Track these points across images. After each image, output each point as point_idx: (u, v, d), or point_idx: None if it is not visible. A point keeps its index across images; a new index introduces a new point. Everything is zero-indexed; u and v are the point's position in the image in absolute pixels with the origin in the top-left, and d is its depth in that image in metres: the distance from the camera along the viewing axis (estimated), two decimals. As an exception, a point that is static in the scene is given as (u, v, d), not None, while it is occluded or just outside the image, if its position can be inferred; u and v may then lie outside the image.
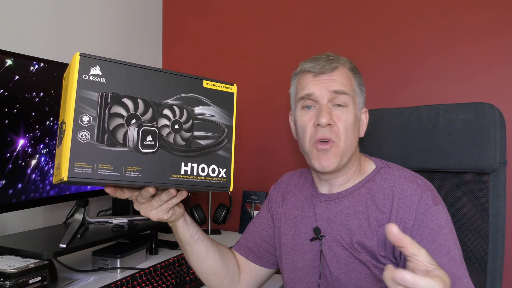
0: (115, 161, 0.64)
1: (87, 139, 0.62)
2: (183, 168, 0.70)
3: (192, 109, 0.72)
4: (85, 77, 0.63)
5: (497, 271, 0.98)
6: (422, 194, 0.83)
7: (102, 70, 0.65)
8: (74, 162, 0.61)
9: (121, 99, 0.66)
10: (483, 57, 1.42)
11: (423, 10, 1.50)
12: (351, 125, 0.89)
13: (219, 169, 0.73)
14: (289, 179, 1.09)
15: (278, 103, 1.76)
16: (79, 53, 0.63)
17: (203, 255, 0.92)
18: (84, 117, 0.62)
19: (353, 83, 0.92)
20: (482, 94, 1.41)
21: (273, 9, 1.77)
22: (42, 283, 0.96)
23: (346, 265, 0.87)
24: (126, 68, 0.67)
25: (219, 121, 0.74)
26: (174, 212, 0.81)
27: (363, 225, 0.87)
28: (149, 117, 0.68)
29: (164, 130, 0.69)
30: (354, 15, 1.61)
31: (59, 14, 1.48)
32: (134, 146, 0.66)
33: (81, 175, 0.61)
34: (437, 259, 0.78)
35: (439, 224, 0.81)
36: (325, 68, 0.90)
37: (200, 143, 0.72)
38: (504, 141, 0.99)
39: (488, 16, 1.40)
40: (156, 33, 2.00)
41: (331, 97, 0.89)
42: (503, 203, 0.99)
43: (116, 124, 0.65)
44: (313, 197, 0.98)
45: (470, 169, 1.01)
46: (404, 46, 1.53)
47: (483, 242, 0.99)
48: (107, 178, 0.63)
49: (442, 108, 1.06)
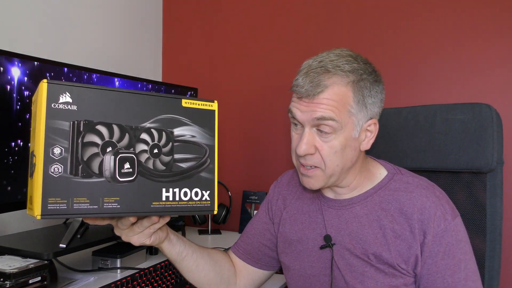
0: (91, 194, 0.60)
1: (59, 172, 0.58)
2: (164, 194, 0.67)
3: (171, 131, 0.68)
4: (54, 106, 0.59)
5: (494, 269, 0.99)
6: (442, 208, 0.82)
7: (72, 96, 0.60)
8: (47, 199, 0.57)
9: (95, 126, 0.62)
10: (480, 58, 1.42)
11: (421, 11, 1.51)
12: (337, 151, 0.82)
13: (202, 192, 0.70)
14: (289, 179, 1.05)
15: (277, 102, 1.76)
16: (46, 81, 0.59)
17: (193, 269, 0.91)
18: (55, 149, 0.58)
19: (349, 102, 0.81)
20: (480, 94, 1.41)
21: (272, 13, 1.78)
22: (42, 283, 0.97)
23: (362, 274, 0.85)
24: (98, 92, 0.63)
25: (200, 141, 0.71)
26: (157, 237, 0.79)
27: (378, 235, 0.84)
28: (126, 143, 0.64)
29: (143, 156, 0.65)
30: (352, 16, 1.62)
31: (59, 17, 1.49)
32: (111, 176, 0.62)
33: (55, 211, 0.58)
34: (456, 275, 0.80)
35: (458, 238, 0.81)
36: (309, 91, 0.80)
37: (182, 166, 0.69)
38: (501, 141, 1.00)
39: (486, 17, 1.41)
40: (156, 38, 2.00)
41: (314, 123, 0.81)
42: (500, 202, 0.99)
43: (90, 154, 0.61)
44: (320, 201, 0.94)
45: (468, 169, 1.01)
46: (402, 47, 1.53)
47: (481, 241, 1.00)
48: (84, 212, 0.60)
49: (439, 108, 1.06)
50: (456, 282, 0.80)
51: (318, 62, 0.83)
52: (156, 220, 0.73)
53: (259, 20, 1.81)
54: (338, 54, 0.84)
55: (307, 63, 0.86)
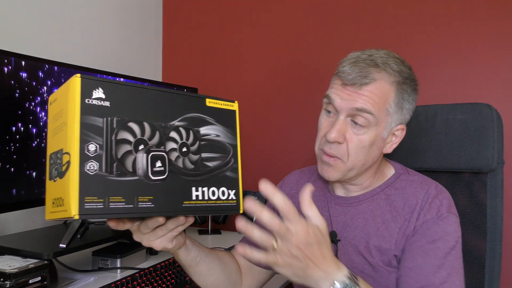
0: (126, 192, 0.59)
1: (95, 170, 0.56)
2: (194, 193, 0.66)
3: (197, 130, 0.68)
4: (88, 102, 0.57)
5: (495, 270, 0.99)
6: (438, 201, 0.83)
7: (105, 92, 0.59)
8: (84, 197, 0.55)
9: (127, 123, 0.60)
10: (481, 58, 1.42)
11: (421, 10, 1.51)
12: (366, 147, 0.83)
13: (228, 191, 0.70)
14: (298, 178, 1.05)
15: (277, 103, 1.76)
16: (79, 75, 0.57)
17: (205, 273, 0.89)
18: (90, 146, 0.56)
19: (389, 101, 0.82)
20: (480, 94, 1.41)
21: (272, 13, 1.78)
22: (42, 283, 0.97)
23: (361, 271, 0.86)
24: (129, 89, 0.61)
25: (224, 140, 0.71)
26: (178, 241, 0.77)
27: (380, 228, 0.85)
28: (157, 141, 0.63)
29: (173, 154, 0.64)
30: (352, 16, 1.62)
31: (59, 17, 1.49)
32: (144, 174, 0.61)
33: (92, 211, 0.55)
34: (429, 259, 0.78)
35: (446, 231, 0.80)
36: (356, 80, 0.81)
37: (208, 165, 0.68)
38: (501, 141, 1.00)
39: (486, 17, 1.41)
40: (156, 38, 2.00)
41: (351, 113, 0.82)
42: (501, 202, 0.99)
43: (124, 151, 0.59)
44: (326, 199, 0.95)
45: (468, 169, 1.01)
46: (401, 47, 1.53)
47: (481, 241, 0.99)
48: (120, 211, 0.58)
49: (440, 108, 1.06)
50: (427, 265, 0.78)
51: (367, 55, 0.84)
52: (183, 221, 0.71)
53: (259, 20, 1.81)
54: (386, 53, 0.86)
55: (354, 53, 0.87)
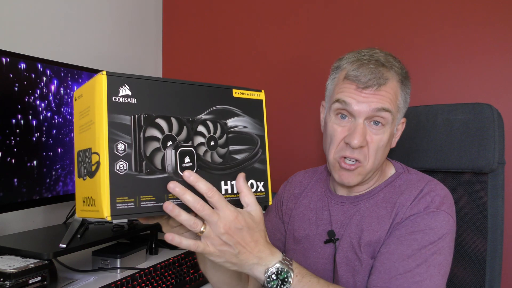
0: (156, 191, 0.58)
1: (125, 169, 0.56)
2: (223, 187, 0.65)
3: (225, 122, 0.67)
4: (115, 100, 0.56)
5: (495, 270, 0.98)
6: (429, 197, 0.82)
7: (131, 89, 0.57)
8: (115, 198, 0.55)
9: (154, 120, 0.59)
10: (481, 58, 1.42)
11: (421, 10, 1.50)
12: (383, 146, 0.83)
13: (257, 183, 0.69)
14: (301, 179, 1.06)
15: (277, 103, 1.76)
16: (105, 73, 0.56)
17: (222, 270, 0.88)
18: (119, 145, 0.56)
19: (398, 97, 0.83)
20: (481, 94, 1.41)
21: (273, 12, 1.78)
22: (42, 283, 0.96)
23: (353, 268, 0.86)
24: (155, 84, 0.60)
25: (252, 131, 0.69)
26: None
27: (373, 223, 0.86)
28: (185, 136, 0.62)
29: (201, 149, 0.63)
30: (352, 15, 1.62)
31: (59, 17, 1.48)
32: (174, 171, 0.60)
33: (124, 211, 0.55)
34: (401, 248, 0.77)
35: (430, 226, 0.79)
36: (372, 82, 0.80)
37: (236, 158, 0.67)
38: (502, 141, 1.00)
39: (487, 17, 1.41)
40: (156, 38, 2.00)
41: (370, 114, 0.81)
42: (502, 202, 0.99)
43: (152, 149, 0.59)
44: (327, 199, 0.95)
45: (469, 169, 1.01)
46: (402, 47, 1.53)
47: (482, 242, 0.99)
48: (150, 210, 0.58)
49: (441, 109, 1.06)
50: (397, 253, 0.76)
51: (369, 56, 0.83)
52: None
53: (259, 19, 1.81)
54: (382, 51, 0.86)
55: (351, 55, 0.86)
